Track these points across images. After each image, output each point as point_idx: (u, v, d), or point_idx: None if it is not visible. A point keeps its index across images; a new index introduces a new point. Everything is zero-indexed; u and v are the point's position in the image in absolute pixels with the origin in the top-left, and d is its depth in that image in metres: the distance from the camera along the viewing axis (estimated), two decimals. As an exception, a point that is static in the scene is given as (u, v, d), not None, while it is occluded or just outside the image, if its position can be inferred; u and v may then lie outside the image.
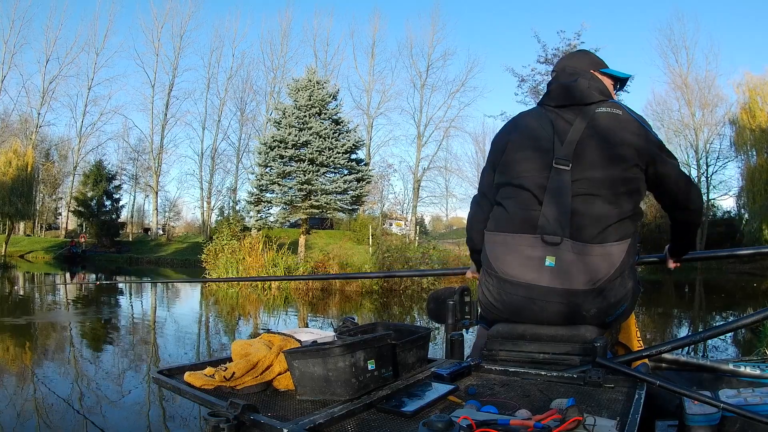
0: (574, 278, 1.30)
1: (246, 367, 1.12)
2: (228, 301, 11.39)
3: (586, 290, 1.30)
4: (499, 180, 1.50)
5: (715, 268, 24.34)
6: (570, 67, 1.55)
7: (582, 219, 1.32)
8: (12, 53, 34.65)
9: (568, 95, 1.46)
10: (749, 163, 25.53)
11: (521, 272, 1.35)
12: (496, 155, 1.54)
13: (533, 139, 1.45)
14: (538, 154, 1.41)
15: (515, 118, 1.59)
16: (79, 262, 26.57)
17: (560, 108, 1.46)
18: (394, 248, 14.47)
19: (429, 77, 35.25)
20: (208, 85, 37.43)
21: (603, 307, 1.32)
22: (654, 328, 7.99)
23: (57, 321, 8.33)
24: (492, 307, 1.43)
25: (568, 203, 1.32)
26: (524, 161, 1.43)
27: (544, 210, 1.34)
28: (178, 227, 44.34)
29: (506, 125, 1.59)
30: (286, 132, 17.82)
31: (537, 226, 1.34)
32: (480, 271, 1.53)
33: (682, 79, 30.90)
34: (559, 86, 1.50)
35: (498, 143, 1.55)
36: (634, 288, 1.38)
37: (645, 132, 1.38)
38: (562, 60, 1.65)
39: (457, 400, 1.02)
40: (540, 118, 1.48)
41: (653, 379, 1.07)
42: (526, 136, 1.48)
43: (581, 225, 1.32)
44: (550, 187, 1.35)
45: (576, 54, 1.68)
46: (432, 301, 1.70)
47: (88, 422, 3.38)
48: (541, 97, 1.57)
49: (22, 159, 27.51)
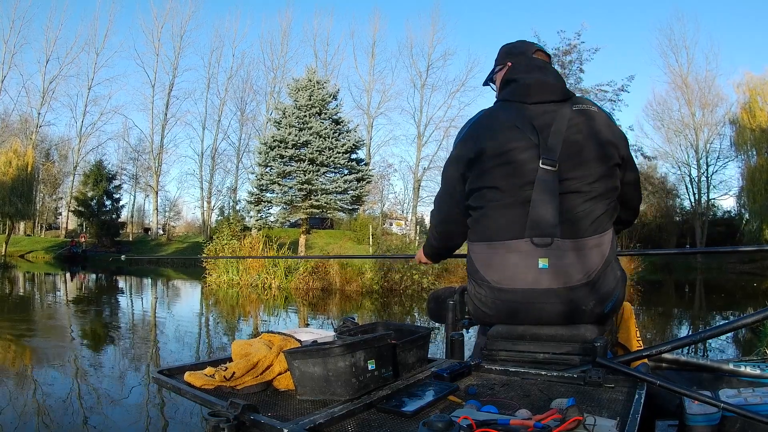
0: (569, 275, 1.31)
1: (246, 367, 1.12)
2: (228, 301, 11.40)
3: (583, 284, 1.31)
4: (475, 184, 1.41)
5: (715, 268, 24.36)
6: (535, 59, 1.52)
7: (572, 216, 1.32)
8: (12, 53, 34.72)
9: (546, 91, 1.42)
10: (749, 163, 25.55)
11: (515, 279, 1.34)
12: (466, 154, 1.43)
13: (514, 140, 1.37)
14: (520, 156, 1.35)
15: (487, 114, 1.47)
16: (79, 261, 26.57)
17: (537, 104, 1.41)
18: (395, 248, 14.48)
19: (429, 77, 35.36)
20: (208, 85, 37.53)
21: (599, 298, 1.33)
22: (654, 328, 7.99)
23: (57, 320, 8.33)
24: (486, 315, 1.42)
25: (556, 203, 1.32)
26: (505, 165, 1.36)
27: (532, 212, 1.32)
28: (179, 227, 44.38)
29: (477, 123, 1.47)
30: (286, 132, 17.83)
31: (525, 230, 1.32)
32: (468, 282, 1.48)
33: (683, 78, 30.92)
34: (537, 82, 1.43)
35: (469, 142, 1.44)
36: (621, 274, 1.42)
37: (620, 131, 1.44)
38: (516, 49, 1.57)
39: (457, 400, 1.02)
40: (517, 115, 1.40)
41: (653, 379, 1.07)
42: (505, 137, 1.38)
43: (572, 222, 1.32)
44: (536, 188, 1.33)
45: (527, 44, 1.59)
46: (432, 301, 1.70)
47: (87, 422, 3.38)
48: (508, 91, 1.48)
49: (22, 159, 27.54)
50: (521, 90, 1.44)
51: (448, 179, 1.50)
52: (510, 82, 1.49)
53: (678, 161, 31.36)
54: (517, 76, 1.48)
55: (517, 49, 1.58)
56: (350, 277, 13.35)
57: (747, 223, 25.60)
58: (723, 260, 23.70)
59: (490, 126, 1.43)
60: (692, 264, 24.86)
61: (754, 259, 21.30)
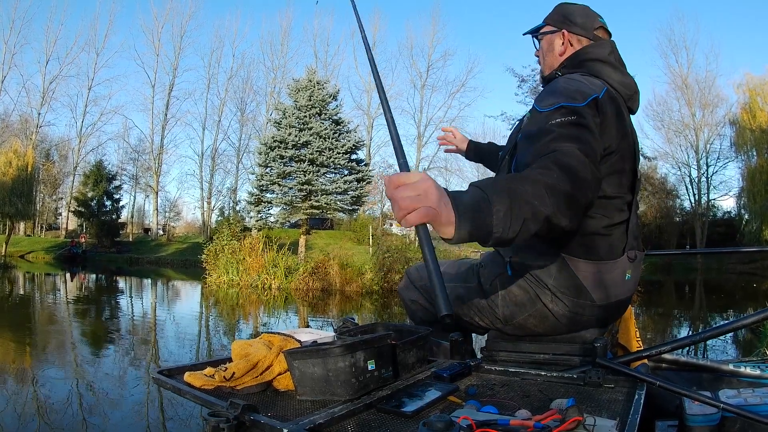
0: (635, 284, 1.35)
1: (246, 367, 1.12)
2: (228, 301, 11.39)
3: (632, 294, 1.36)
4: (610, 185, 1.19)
5: (715, 269, 24.34)
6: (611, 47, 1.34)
7: (639, 230, 1.35)
8: (12, 53, 34.70)
9: (636, 100, 1.33)
10: (749, 164, 25.54)
11: (612, 294, 1.27)
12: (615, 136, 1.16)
13: (628, 149, 1.22)
14: (630, 167, 1.24)
15: (609, 99, 1.19)
16: (79, 262, 26.55)
17: (627, 99, 1.29)
18: (395, 248, 14.44)
19: (429, 77, 35.37)
20: (209, 86, 37.50)
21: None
22: (654, 328, 7.98)
23: (57, 321, 8.33)
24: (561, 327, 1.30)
25: (637, 216, 1.33)
26: (630, 170, 1.23)
27: (631, 225, 1.26)
28: (179, 227, 44.34)
29: (610, 99, 1.19)
30: (287, 132, 17.82)
31: (626, 243, 1.25)
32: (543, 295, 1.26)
33: (683, 79, 30.92)
34: (632, 81, 1.30)
35: (614, 120, 1.16)
36: None
37: None
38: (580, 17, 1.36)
39: (457, 400, 1.02)
40: (626, 115, 1.24)
41: (653, 379, 1.07)
42: (623, 140, 1.20)
43: (639, 236, 1.35)
44: (634, 202, 1.26)
45: (590, 14, 1.38)
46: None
47: (87, 422, 3.38)
48: (608, 71, 1.28)
49: (22, 159, 27.53)
50: (629, 89, 1.31)
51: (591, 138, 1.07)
52: (616, 68, 1.31)
53: (678, 162, 31.40)
54: (618, 64, 1.32)
55: (580, 17, 1.36)
56: (350, 277, 13.34)
57: (747, 223, 25.58)
58: (723, 261, 23.68)
59: (616, 106, 1.21)
60: (692, 264, 24.85)
61: (754, 260, 21.30)
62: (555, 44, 1.38)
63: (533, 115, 1.19)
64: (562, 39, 1.37)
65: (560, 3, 1.43)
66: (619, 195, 1.21)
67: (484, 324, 1.40)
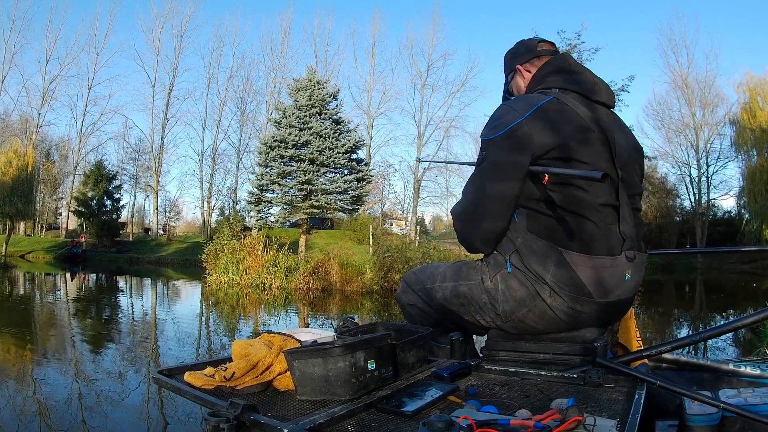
0: (636, 286, 1.36)
1: (246, 367, 1.12)
2: (228, 301, 11.39)
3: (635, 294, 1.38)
4: (562, 193, 1.24)
5: (716, 268, 24.36)
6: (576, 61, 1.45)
7: (639, 231, 1.35)
8: (12, 53, 34.70)
9: (604, 92, 1.36)
10: (750, 163, 25.56)
11: (611, 292, 1.28)
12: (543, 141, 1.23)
13: (598, 142, 1.27)
14: (603, 160, 1.26)
15: (555, 103, 1.29)
16: (79, 262, 26.56)
17: (595, 103, 1.33)
18: (395, 248, 14.45)
19: (429, 77, 35.29)
20: (209, 85, 37.50)
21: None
22: (654, 328, 7.98)
23: (57, 320, 8.33)
24: (560, 323, 1.31)
25: (632, 216, 1.32)
26: (604, 160, 1.27)
27: (623, 226, 1.27)
28: (179, 227, 44.38)
29: (543, 110, 1.27)
30: (287, 132, 17.81)
31: (622, 243, 1.27)
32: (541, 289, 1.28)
33: (683, 78, 30.94)
34: (599, 80, 1.35)
35: (542, 134, 1.23)
36: None
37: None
38: (521, 48, 1.50)
39: (457, 400, 1.02)
40: (586, 111, 1.29)
41: (653, 379, 1.07)
42: (584, 134, 1.25)
43: (639, 237, 1.35)
44: (621, 199, 1.28)
45: (527, 41, 1.51)
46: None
47: (87, 422, 3.38)
48: (562, 80, 1.35)
49: (22, 159, 27.53)
50: (586, 83, 1.34)
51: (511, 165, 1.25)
52: (563, 71, 1.38)
53: (678, 161, 31.42)
54: (567, 66, 1.38)
55: (522, 48, 1.51)
56: (350, 277, 13.34)
57: (747, 223, 25.58)
58: (723, 260, 23.69)
59: (563, 116, 1.27)
60: (692, 264, 24.87)
61: (754, 259, 21.31)
62: (519, 82, 1.52)
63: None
64: (521, 73, 1.51)
65: (504, 54, 1.58)
66: (591, 185, 1.23)
67: (485, 322, 1.40)
